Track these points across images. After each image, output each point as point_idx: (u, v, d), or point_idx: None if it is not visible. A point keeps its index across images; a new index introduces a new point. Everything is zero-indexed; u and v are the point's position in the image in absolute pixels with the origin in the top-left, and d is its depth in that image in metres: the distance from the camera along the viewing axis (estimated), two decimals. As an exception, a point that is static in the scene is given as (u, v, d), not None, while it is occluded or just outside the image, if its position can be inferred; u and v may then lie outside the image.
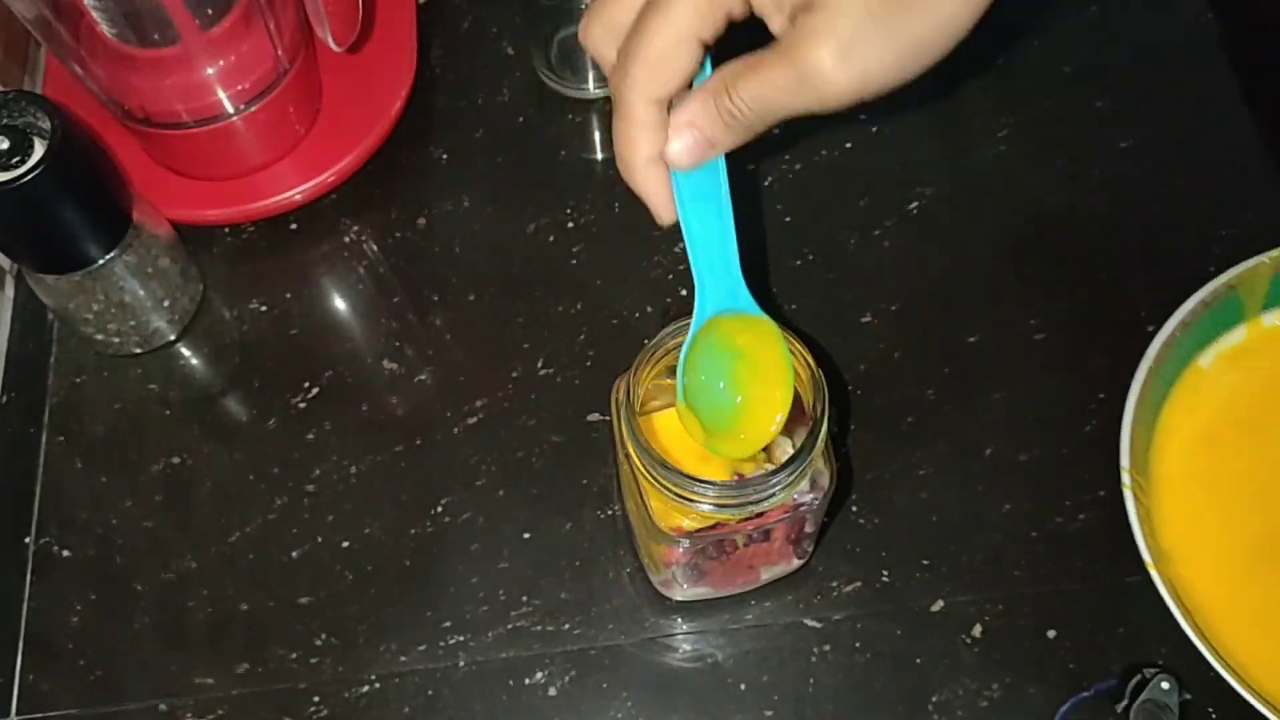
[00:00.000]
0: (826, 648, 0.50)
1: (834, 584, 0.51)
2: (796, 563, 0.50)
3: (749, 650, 0.50)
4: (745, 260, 0.40)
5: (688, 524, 0.43)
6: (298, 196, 0.59)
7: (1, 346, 0.58)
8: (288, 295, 0.59)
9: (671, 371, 0.44)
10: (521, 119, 0.63)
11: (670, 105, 0.37)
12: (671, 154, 0.37)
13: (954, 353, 0.56)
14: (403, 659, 0.50)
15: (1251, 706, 0.44)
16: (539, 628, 0.51)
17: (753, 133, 0.37)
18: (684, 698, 0.49)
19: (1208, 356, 0.53)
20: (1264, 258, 0.52)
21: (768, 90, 0.35)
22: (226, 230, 0.61)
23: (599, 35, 0.38)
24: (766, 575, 0.50)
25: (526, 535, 0.53)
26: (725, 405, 0.40)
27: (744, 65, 0.35)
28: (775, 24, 0.36)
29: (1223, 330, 0.53)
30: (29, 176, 0.47)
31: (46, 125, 0.48)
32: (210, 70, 0.54)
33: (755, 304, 0.40)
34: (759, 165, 0.61)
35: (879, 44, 0.34)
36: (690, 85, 0.37)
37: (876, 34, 0.33)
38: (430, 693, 0.50)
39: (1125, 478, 0.48)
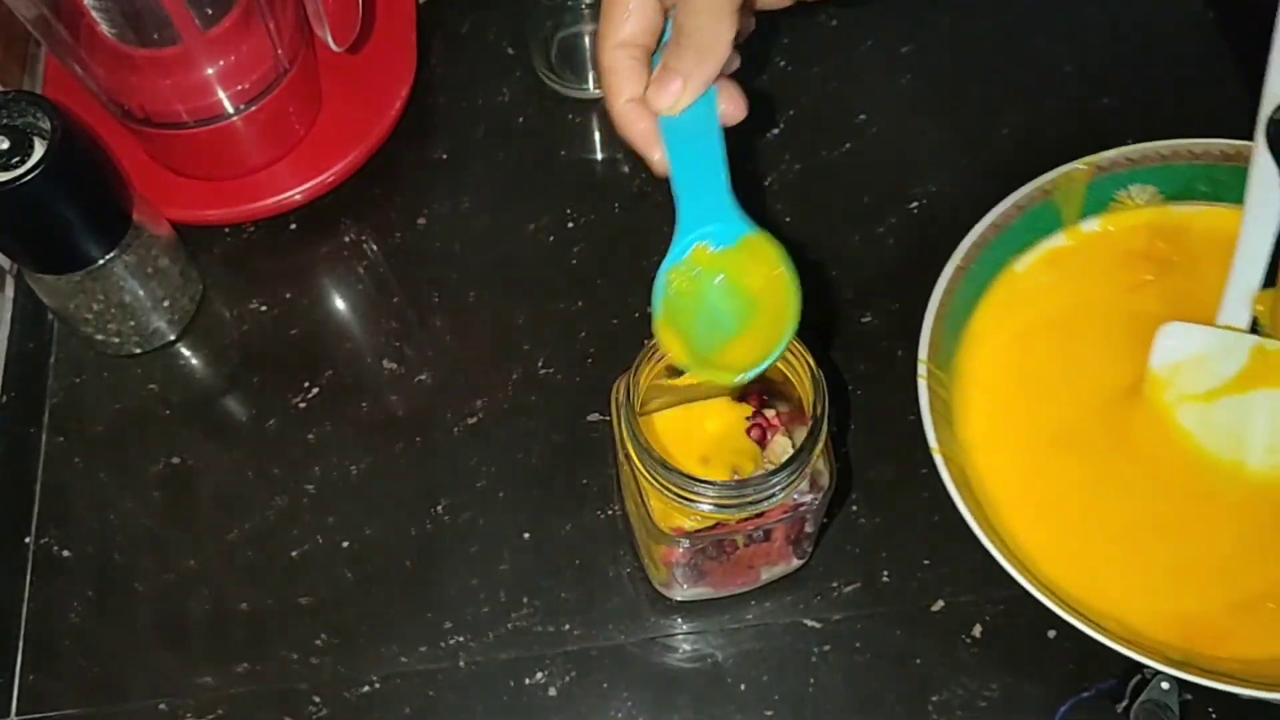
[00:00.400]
0: (826, 648, 0.50)
1: (834, 584, 0.51)
2: (796, 563, 0.50)
3: (749, 650, 0.50)
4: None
5: (688, 524, 0.44)
6: (298, 196, 0.59)
7: (1, 346, 0.58)
8: (288, 295, 0.59)
9: (672, 372, 0.44)
10: (521, 119, 0.63)
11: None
12: (652, 99, 0.39)
13: (954, 353, 0.56)
14: (403, 659, 0.50)
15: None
16: (539, 628, 0.51)
17: (710, 48, 0.38)
18: (684, 698, 0.49)
19: (1024, 261, 0.52)
20: (1079, 164, 0.51)
21: None
22: (226, 230, 0.61)
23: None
24: (766, 575, 0.50)
25: (526, 535, 0.53)
26: (721, 331, 0.39)
27: None
28: None
29: (1041, 237, 0.52)
30: (29, 176, 0.47)
31: (46, 125, 0.48)
32: (210, 70, 0.54)
33: (748, 221, 0.38)
34: (759, 165, 0.61)
35: None
36: (660, 36, 0.39)
37: None
38: (430, 693, 0.50)
39: (921, 368, 0.47)
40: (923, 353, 0.47)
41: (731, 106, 0.40)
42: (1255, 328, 0.46)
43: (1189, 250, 0.50)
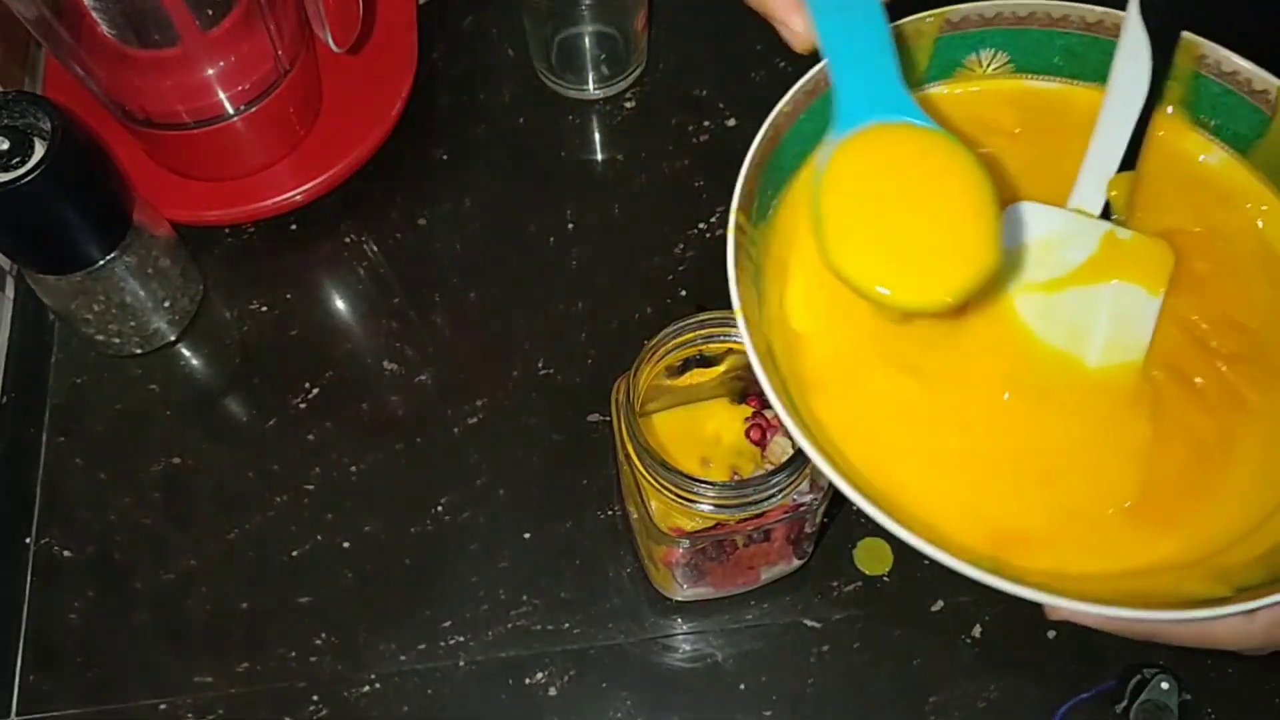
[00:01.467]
0: (826, 648, 0.50)
1: (834, 584, 0.51)
2: (796, 563, 0.50)
3: (749, 650, 0.50)
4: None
5: (688, 524, 0.44)
6: (298, 196, 0.59)
7: (2, 347, 0.58)
8: (288, 295, 0.59)
9: (672, 372, 0.44)
10: (521, 119, 0.63)
11: None
12: None
13: (954, 353, 0.56)
14: (402, 658, 0.50)
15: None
16: (539, 627, 0.51)
17: None
18: (684, 698, 0.49)
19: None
20: (927, 15, 0.42)
21: None
22: (226, 230, 0.61)
23: None
24: (766, 575, 0.50)
25: (526, 535, 0.53)
26: (900, 240, 0.31)
27: None
28: None
29: None
30: (29, 177, 0.47)
31: (47, 126, 0.48)
32: (210, 71, 0.54)
33: (923, 113, 0.32)
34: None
35: None
36: None
37: None
38: (430, 692, 0.50)
39: (732, 219, 0.36)
40: (736, 201, 0.37)
41: None
42: (1108, 213, 0.41)
43: (1039, 125, 0.43)
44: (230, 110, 0.56)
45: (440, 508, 0.53)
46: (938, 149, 0.33)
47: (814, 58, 0.36)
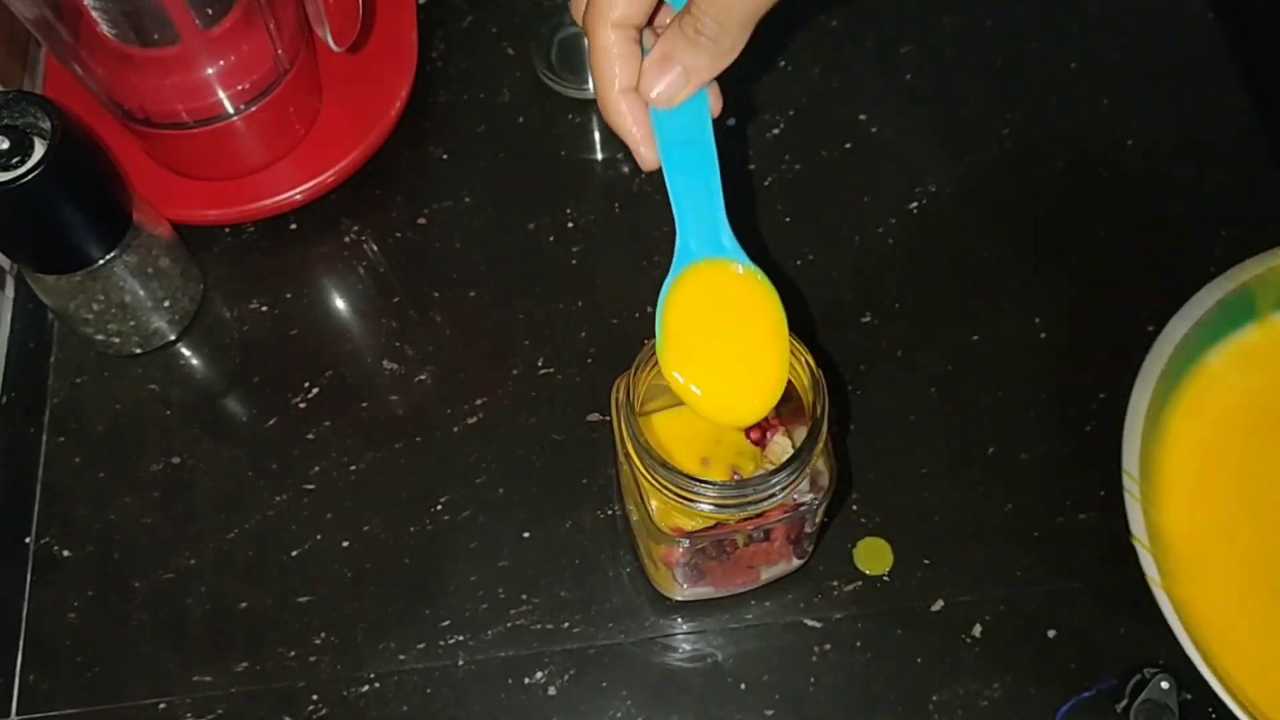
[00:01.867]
0: (826, 647, 0.50)
1: (834, 584, 0.51)
2: (796, 563, 0.50)
3: (749, 650, 0.50)
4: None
5: (688, 524, 0.43)
6: (298, 196, 0.59)
7: (2, 346, 0.58)
8: (288, 295, 0.59)
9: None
10: (521, 119, 0.63)
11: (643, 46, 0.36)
12: (649, 90, 0.36)
13: (955, 352, 0.56)
14: (402, 657, 0.50)
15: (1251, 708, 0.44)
16: (538, 626, 0.51)
17: (725, 52, 0.36)
18: (684, 697, 0.49)
19: (1216, 355, 0.51)
20: None
21: None
22: (226, 230, 0.61)
23: None
24: (766, 575, 0.50)
25: (526, 534, 0.53)
26: (715, 364, 0.37)
27: None
28: None
29: (1232, 329, 0.51)
30: (29, 176, 0.47)
31: (46, 125, 0.48)
32: (210, 70, 0.54)
33: (744, 253, 0.37)
34: (759, 165, 0.61)
35: None
36: (652, 15, 0.36)
37: None
38: (429, 691, 0.50)
39: (1128, 482, 0.46)
40: (1127, 463, 0.47)
41: (713, 99, 0.38)
42: None
43: None
44: (230, 110, 0.55)
45: (440, 507, 0.53)
46: (750, 286, 0.37)
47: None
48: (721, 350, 0.37)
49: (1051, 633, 0.50)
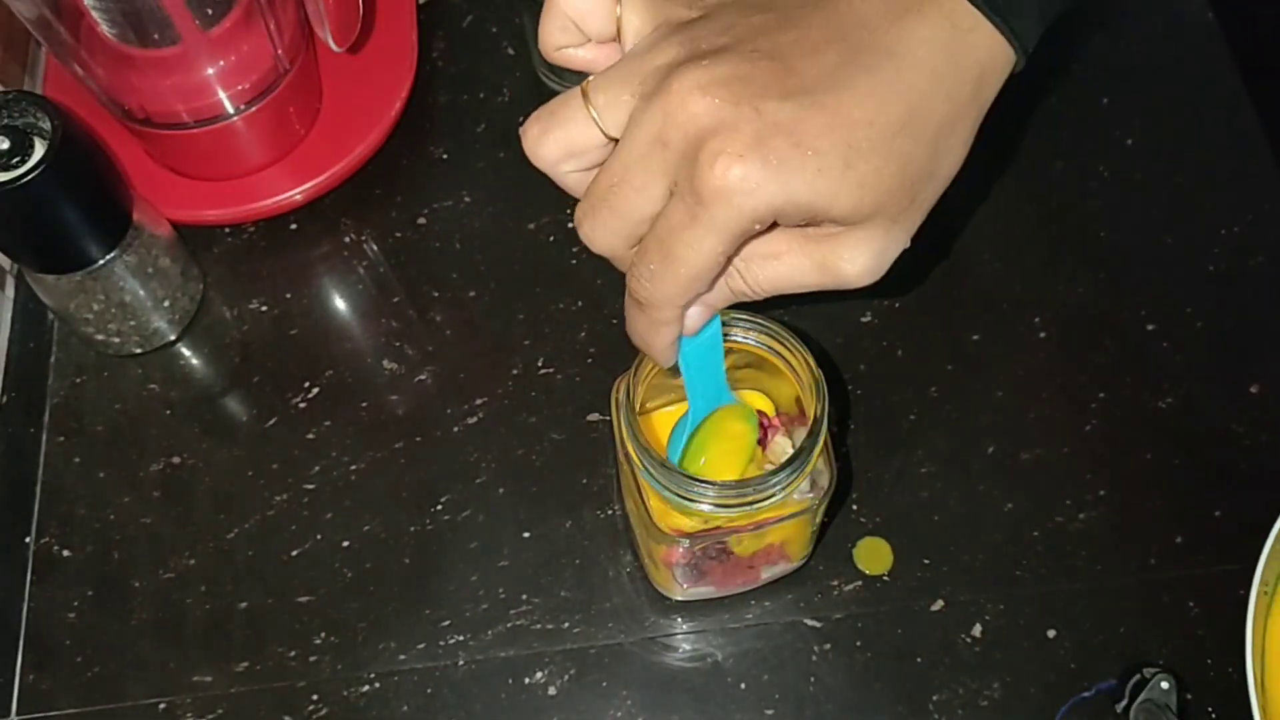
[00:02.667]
0: (826, 647, 0.50)
1: (834, 584, 0.51)
2: (797, 562, 0.50)
3: (749, 650, 0.50)
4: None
5: (688, 524, 0.43)
6: (298, 196, 0.59)
7: (1, 346, 0.58)
8: (288, 295, 0.59)
9: (673, 372, 0.44)
10: (521, 118, 0.62)
11: None
12: (692, 327, 0.38)
13: (955, 352, 0.56)
14: (402, 657, 0.50)
15: (1249, 705, 0.44)
16: (539, 626, 0.51)
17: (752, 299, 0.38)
18: (684, 697, 0.49)
19: None
20: None
21: (785, 278, 0.36)
22: (226, 230, 0.61)
23: (612, 235, 0.35)
24: (767, 575, 0.50)
25: (526, 534, 0.53)
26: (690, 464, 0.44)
27: (762, 252, 0.35)
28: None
29: None
30: (29, 176, 0.47)
31: (46, 125, 0.48)
32: (210, 70, 0.54)
33: (734, 396, 0.44)
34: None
35: (899, 237, 0.35)
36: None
37: (898, 231, 0.35)
38: (429, 691, 0.50)
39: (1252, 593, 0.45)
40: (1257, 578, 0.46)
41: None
42: None
43: None
44: (230, 110, 0.55)
45: (440, 507, 0.53)
46: (740, 416, 0.44)
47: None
48: (710, 464, 0.44)
49: (1051, 633, 0.50)
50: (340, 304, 0.59)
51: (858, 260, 0.34)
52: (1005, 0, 0.35)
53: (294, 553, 0.53)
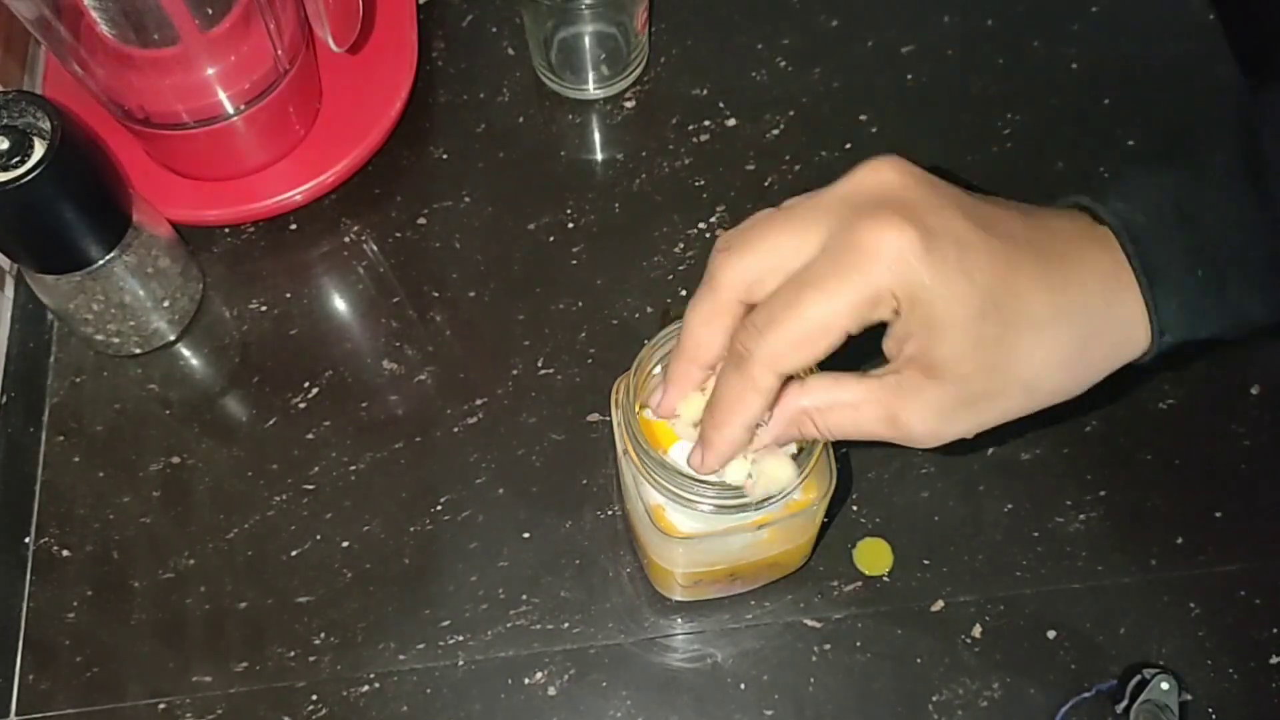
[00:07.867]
0: (826, 647, 0.50)
1: (834, 584, 0.51)
2: (797, 563, 0.50)
3: (749, 650, 0.50)
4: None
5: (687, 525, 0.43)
6: (298, 196, 0.59)
7: (1, 346, 0.58)
8: (288, 295, 0.59)
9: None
10: (521, 119, 0.63)
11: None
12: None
13: (954, 352, 0.56)
14: (401, 657, 0.50)
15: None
16: (538, 626, 0.51)
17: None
18: (684, 697, 0.49)
19: None
20: None
21: (852, 424, 0.38)
22: (226, 230, 0.61)
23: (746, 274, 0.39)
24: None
25: (526, 534, 0.53)
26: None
27: (835, 397, 0.37)
28: (889, 345, 0.39)
29: None
30: (29, 177, 0.47)
31: (46, 125, 0.48)
32: (210, 70, 0.54)
33: None
34: (759, 165, 0.61)
35: (968, 420, 0.37)
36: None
37: (969, 413, 0.37)
38: (429, 691, 0.50)
39: None
40: None
41: None
42: None
43: None
44: (230, 110, 0.56)
45: (440, 507, 0.53)
46: None
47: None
48: None
49: (1051, 633, 0.50)
50: (340, 304, 0.59)
51: (922, 417, 0.37)
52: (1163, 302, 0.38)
53: (293, 553, 0.53)
